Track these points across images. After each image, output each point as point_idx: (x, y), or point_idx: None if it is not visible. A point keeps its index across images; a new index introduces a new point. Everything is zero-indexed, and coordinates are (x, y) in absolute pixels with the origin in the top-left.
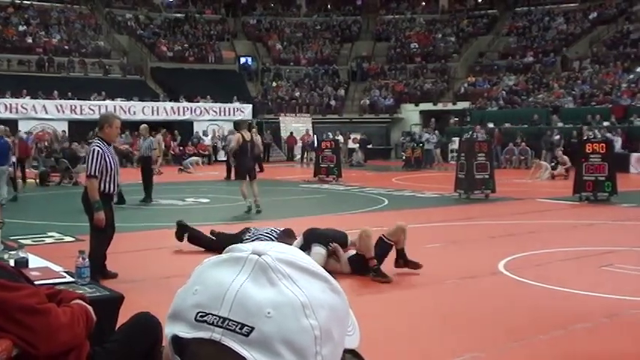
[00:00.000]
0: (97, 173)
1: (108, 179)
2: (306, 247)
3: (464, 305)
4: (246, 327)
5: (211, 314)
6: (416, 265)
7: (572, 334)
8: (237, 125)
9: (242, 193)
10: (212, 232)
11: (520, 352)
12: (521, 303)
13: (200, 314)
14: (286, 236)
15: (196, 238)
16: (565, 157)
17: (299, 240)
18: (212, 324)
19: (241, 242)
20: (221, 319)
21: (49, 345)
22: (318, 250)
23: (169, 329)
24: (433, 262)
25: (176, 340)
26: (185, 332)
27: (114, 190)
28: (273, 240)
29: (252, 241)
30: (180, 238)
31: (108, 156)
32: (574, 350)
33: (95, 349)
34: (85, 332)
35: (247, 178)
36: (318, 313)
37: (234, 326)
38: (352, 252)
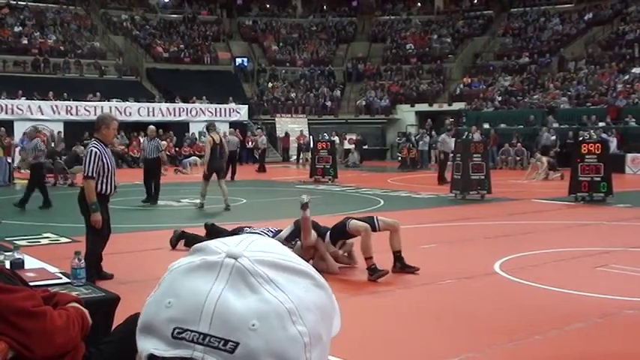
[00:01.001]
0: (94, 174)
1: (105, 180)
2: (295, 235)
3: (459, 305)
4: (230, 343)
5: (190, 330)
6: (413, 270)
7: (567, 334)
8: (208, 128)
9: (201, 193)
10: (206, 225)
11: (515, 353)
12: (516, 303)
13: (177, 330)
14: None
15: (195, 241)
16: (543, 158)
17: (290, 227)
18: (192, 341)
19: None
20: (201, 336)
21: (44, 348)
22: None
23: (143, 345)
24: (429, 262)
25: (151, 358)
26: (161, 350)
27: (111, 191)
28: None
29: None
30: (174, 245)
31: (105, 157)
32: (569, 350)
33: (91, 350)
34: (80, 335)
35: (213, 178)
36: (306, 317)
37: (216, 343)
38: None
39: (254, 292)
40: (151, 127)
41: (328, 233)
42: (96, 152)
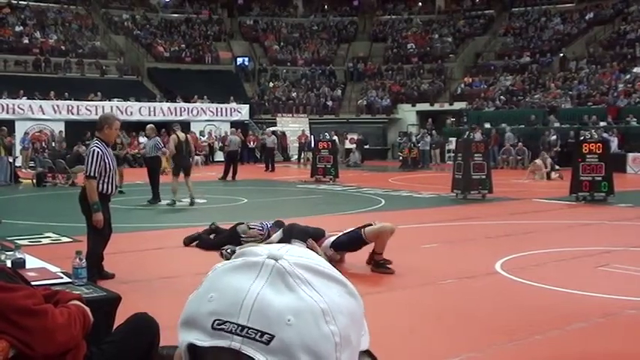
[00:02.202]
0: (96, 174)
1: (106, 180)
2: (285, 242)
3: (460, 305)
4: (266, 335)
5: (229, 322)
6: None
7: (568, 334)
8: (172, 128)
9: (173, 190)
10: (212, 225)
11: (516, 352)
12: (517, 303)
13: (217, 322)
14: (277, 227)
15: (203, 241)
16: (540, 163)
17: (278, 233)
18: (230, 332)
19: (237, 235)
20: (240, 327)
21: (45, 346)
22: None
23: (184, 337)
24: (430, 262)
25: (192, 348)
26: (202, 340)
27: (112, 191)
28: (264, 231)
29: (248, 231)
30: (187, 244)
31: (107, 157)
32: (570, 350)
33: (92, 349)
34: (81, 333)
35: (181, 174)
36: (338, 319)
37: (253, 334)
38: (332, 238)
39: (291, 290)
40: (150, 125)
41: (331, 241)
42: (98, 152)
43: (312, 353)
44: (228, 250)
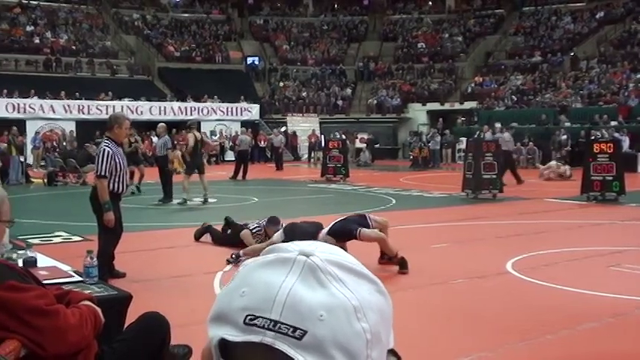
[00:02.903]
0: (106, 173)
1: (117, 179)
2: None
3: (471, 305)
4: (299, 330)
5: (262, 317)
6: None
7: (579, 334)
8: (190, 126)
9: (184, 187)
10: (226, 219)
11: (527, 352)
12: (528, 303)
13: (249, 317)
14: (272, 224)
15: (216, 236)
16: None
17: (279, 234)
18: (263, 327)
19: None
20: (272, 323)
21: (56, 346)
22: None
23: (214, 332)
24: (441, 261)
25: (222, 344)
26: (233, 336)
27: (123, 190)
28: (261, 229)
29: (257, 228)
30: (197, 238)
31: (117, 156)
32: (581, 350)
33: (103, 348)
34: (93, 334)
35: (195, 173)
36: (369, 316)
37: (286, 330)
38: (327, 228)
39: (323, 287)
40: (161, 124)
41: (326, 231)
42: (108, 151)
43: (344, 350)
44: (233, 256)
